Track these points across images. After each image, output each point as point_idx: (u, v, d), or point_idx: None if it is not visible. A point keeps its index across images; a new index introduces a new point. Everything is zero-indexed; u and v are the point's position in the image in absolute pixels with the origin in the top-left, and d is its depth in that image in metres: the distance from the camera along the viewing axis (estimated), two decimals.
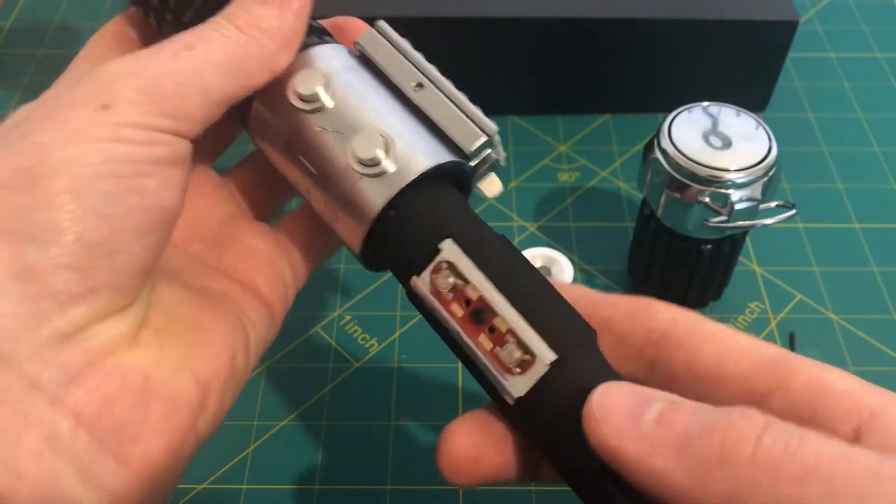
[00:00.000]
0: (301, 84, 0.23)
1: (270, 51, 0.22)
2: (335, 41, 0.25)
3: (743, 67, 0.47)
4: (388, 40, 0.25)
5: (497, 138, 0.23)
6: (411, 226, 0.22)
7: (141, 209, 0.20)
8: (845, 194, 0.45)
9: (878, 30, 0.55)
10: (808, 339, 0.39)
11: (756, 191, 0.34)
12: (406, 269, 0.22)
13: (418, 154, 0.22)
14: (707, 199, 0.34)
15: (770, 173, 0.34)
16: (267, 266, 0.26)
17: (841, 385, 0.19)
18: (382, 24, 0.25)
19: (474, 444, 0.22)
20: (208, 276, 0.25)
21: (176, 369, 0.21)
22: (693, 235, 0.36)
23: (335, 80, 0.23)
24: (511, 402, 0.20)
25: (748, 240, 0.42)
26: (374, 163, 0.22)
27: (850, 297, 0.40)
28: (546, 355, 0.20)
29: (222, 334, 0.23)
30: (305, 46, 0.24)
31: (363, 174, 0.22)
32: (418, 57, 0.24)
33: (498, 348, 0.21)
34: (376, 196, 0.22)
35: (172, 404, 0.21)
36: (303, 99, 0.23)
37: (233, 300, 0.24)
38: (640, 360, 0.22)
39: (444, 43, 0.46)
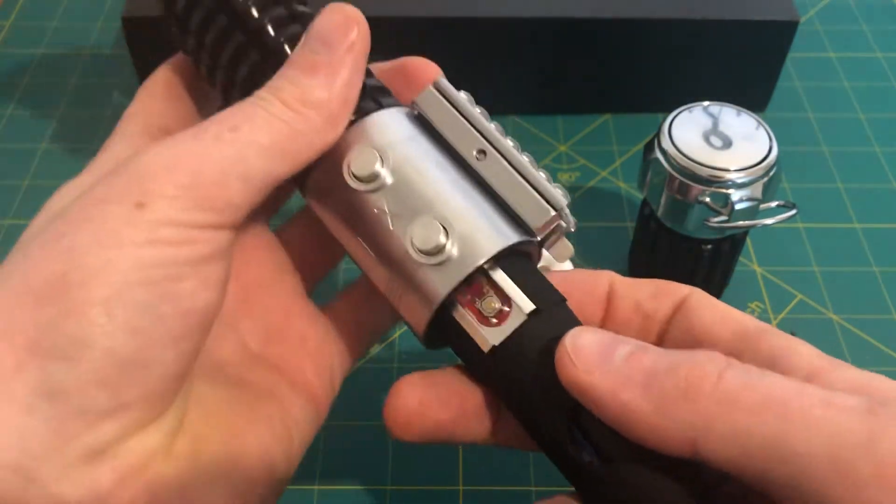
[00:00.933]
0: (357, 163, 0.22)
1: (318, 125, 0.21)
2: (393, 101, 0.24)
3: (743, 67, 0.47)
4: (447, 99, 0.23)
5: (566, 211, 0.22)
6: None
7: (175, 316, 0.19)
8: (845, 194, 0.45)
9: (879, 30, 0.55)
10: (807, 339, 0.38)
11: (756, 191, 0.34)
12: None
13: (482, 238, 0.21)
14: (707, 199, 0.34)
15: (770, 173, 0.34)
16: (317, 356, 0.25)
17: (804, 349, 0.20)
18: (442, 81, 0.24)
19: (420, 400, 0.22)
20: (253, 367, 0.24)
21: (212, 481, 0.20)
22: (693, 235, 0.36)
23: (392, 155, 0.22)
24: (486, 349, 0.21)
25: (748, 240, 0.42)
26: (436, 251, 0.21)
27: (850, 297, 0.40)
28: (525, 305, 0.21)
29: (261, 443, 0.22)
30: (361, 113, 0.23)
31: (423, 263, 0.21)
32: (479, 117, 0.23)
33: (477, 299, 0.21)
34: (439, 285, 0.21)
35: None
36: (359, 178, 0.22)
37: (277, 398, 0.23)
38: (659, 334, 0.23)
39: (444, 43, 0.46)
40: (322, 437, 0.36)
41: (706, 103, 0.36)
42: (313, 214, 0.24)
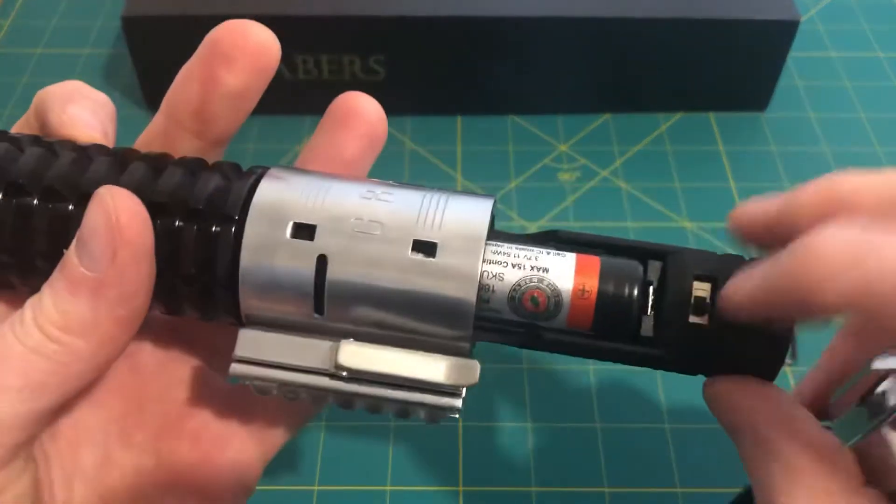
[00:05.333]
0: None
1: (87, 354, 0.19)
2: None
3: (744, 67, 0.47)
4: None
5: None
6: None
7: None
8: None
9: (880, 29, 0.54)
10: (806, 337, 0.38)
11: None
12: None
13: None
14: None
15: None
16: (212, 451, 0.24)
17: None
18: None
19: None
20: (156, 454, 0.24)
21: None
22: None
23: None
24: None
25: None
26: None
27: None
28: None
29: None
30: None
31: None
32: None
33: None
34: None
35: None
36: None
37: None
38: None
39: (443, 43, 0.46)
40: (322, 437, 0.36)
41: None
42: None
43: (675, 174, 0.46)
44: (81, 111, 0.23)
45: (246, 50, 0.22)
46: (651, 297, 0.22)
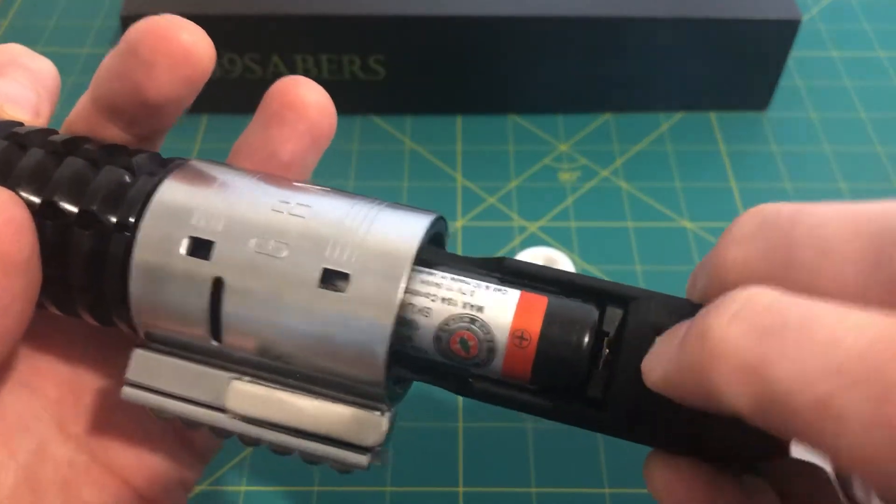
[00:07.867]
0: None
1: None
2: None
3: (744, 67, 0.46)
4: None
5: None
6: None
7: None
8: (848, 194, 0.45)
9: (881, 29, 0.54)
10: None
11: None
12: None
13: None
14: None
15: None
16: (143, 456, 0.23)
17: None
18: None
19: None
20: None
21: None
22: None
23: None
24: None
25: None
26: None
27: None
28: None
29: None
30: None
31: None
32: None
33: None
34: None
35: None
36: None
37: None
38: None
39: (444, 43, 0.46)
40: None
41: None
42: None
43: (676, 174, 0.46)
44: (11, 85, 0.21)
45: (169, 56, 0.19)
46: (605, 351, 0.18)
